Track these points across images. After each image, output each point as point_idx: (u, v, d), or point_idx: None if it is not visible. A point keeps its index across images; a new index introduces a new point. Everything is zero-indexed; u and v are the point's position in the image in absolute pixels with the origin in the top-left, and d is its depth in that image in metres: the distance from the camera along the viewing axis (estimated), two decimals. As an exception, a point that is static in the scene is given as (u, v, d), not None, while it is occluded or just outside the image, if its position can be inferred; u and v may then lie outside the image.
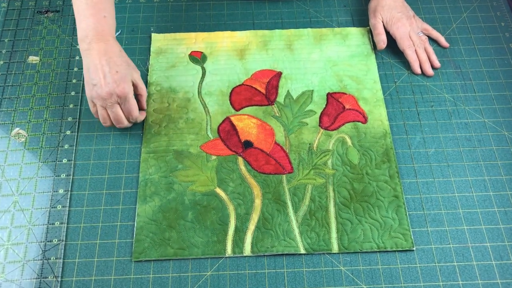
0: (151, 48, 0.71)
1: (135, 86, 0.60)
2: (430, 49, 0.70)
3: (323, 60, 0.70)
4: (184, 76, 0.68)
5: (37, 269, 0.54)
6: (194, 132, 0.63)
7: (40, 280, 0.53)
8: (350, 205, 0.58)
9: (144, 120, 0.64)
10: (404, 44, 0.69)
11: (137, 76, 0.60)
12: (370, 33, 0.72)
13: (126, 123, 0.60)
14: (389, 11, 0.69)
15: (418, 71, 0.68)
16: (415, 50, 0.69)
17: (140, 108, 0.63)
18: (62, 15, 0.74)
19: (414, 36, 0.69)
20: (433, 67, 0.69)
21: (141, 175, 0.60)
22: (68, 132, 0.63)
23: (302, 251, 0.55)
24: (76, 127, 0.64)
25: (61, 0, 0.75)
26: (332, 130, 0.64)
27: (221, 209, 0.58)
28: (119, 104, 0.58)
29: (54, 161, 0.61)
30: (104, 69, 0.55)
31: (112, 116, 0.59)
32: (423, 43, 0.69)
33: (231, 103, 0.66)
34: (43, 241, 0.56)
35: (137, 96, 0.61)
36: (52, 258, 0.55)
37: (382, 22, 0.70)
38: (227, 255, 0.55)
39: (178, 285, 0.53)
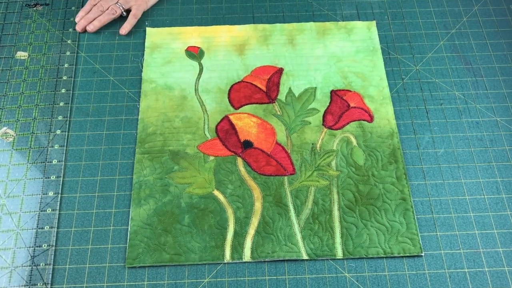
0: (146, 43, 0.71)
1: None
2: (102, 19, 0.71)
3: (326, 55, 0.70)
4: (180, 72, 0.68)
5: (25, 275, 0.54)
6: (191, 132, 0.63)
7: (29, 287, 0.54)
8: (355, 208, 0.58)
9: (138, 119, 0.64)
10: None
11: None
12: (377, 27, 0.72)
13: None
14: None
15: (76, 20, 0.72)
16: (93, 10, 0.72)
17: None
18: (52, 9, 0.74)
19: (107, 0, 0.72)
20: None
21: (135, 176, 0.60)
22: (58, 132, 0.64)
23: (305, 256, 0.55)
24: (67, 127, 0.64)
25: (50, -8, 0.76)
26: (336, 129, 0.64)
27: (219, 213, 0.58)
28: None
29: (44, 162, 0.61)
30: None
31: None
32: (105, 9, 0.72)
33: (230, 101, 0.66)
34: (32, 246, 0.56)
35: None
36: (41, 264, 0.55)
37: None
38: (225, 261, 0.55)
39: (174, 293, 0.54)
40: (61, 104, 0.66)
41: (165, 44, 0.71)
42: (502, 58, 0.70)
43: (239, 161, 0.61)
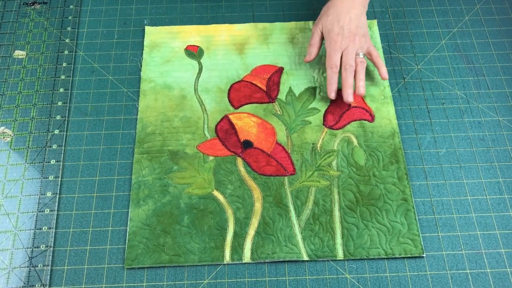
0: (145, 42, 0.71)
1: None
2: (360, 75, 0.62)
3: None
4: (179, 71, 0.68)
5: (23, 276, 0.54)
6: (190, 132, 0.63)
7: (27, 289, 0.54)
8: (356, 209, 0.58)
9: (137, 118, 0.64)
10: (329, 61, 0.63)
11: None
12: (378, 26, 0.72)
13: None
14: (331, 23, 0.63)
15: (331, 96, 0.63)
16: (342, 73, 0.62)
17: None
18: (50, 7, 0.74)
19: (347, 56, 0.62)
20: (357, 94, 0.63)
21: (134, 177, 0.60)
22: (56, 132, 0.63)
23: (305, 257, 0.55)
24: (65, 126, 0.64)
25: (49, -9, 0.76)
26: (337, 129, 0.64)
27: (219, 213, 0.58)
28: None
29: (42, 162, 0.61)
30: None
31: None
32: (354, 66, 0.62)
33: (229, 101, 0.66)
34: (30, 247, 0.56)
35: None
36: (39, 265, 0.55)
37: (322, 32, 0.65)
38: (225, 262, 0.55)
39: (173, 294, 0.54)
40: (59, 103, 0.66)
41: (164, 43, 0.71)
42: (504, 57, 0.70)
43: (239, 161, 0.61)
